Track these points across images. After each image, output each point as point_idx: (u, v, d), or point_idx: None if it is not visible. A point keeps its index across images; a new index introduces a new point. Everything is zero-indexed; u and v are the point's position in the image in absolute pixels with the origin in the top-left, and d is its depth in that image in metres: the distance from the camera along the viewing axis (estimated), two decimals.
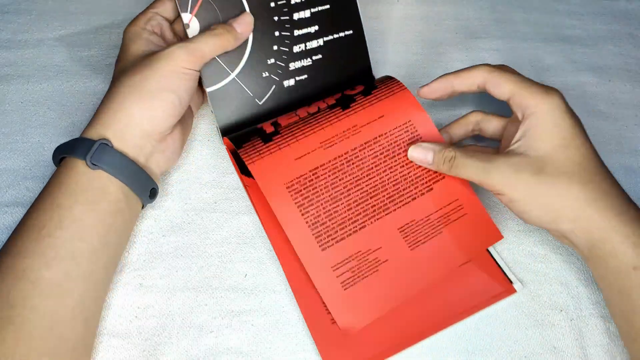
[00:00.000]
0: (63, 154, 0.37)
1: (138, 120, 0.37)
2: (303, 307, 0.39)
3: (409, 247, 0.40)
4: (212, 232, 0.42)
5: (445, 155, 0.40)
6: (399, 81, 0.46)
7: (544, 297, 0.40)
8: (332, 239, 0.39)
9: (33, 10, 0.55)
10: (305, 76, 0.47)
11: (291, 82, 0.46)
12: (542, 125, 0.38)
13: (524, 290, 0.40)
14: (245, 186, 0.44)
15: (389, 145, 0.43)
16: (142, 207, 0.40)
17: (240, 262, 0.41)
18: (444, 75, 0.43)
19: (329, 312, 0.38)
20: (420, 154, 0.42)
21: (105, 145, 0.36)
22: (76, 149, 0.36)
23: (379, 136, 0.43)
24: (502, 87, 0.40)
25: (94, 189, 0.36)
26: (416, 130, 0.44)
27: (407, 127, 0.44)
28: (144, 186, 0.38)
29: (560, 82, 0.53)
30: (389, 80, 0.47)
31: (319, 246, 0.39)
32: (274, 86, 0.46)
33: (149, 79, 0.37)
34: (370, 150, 0.43)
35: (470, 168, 0.39)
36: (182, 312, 0.38)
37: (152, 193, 0.39)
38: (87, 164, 0.36)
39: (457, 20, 0.57)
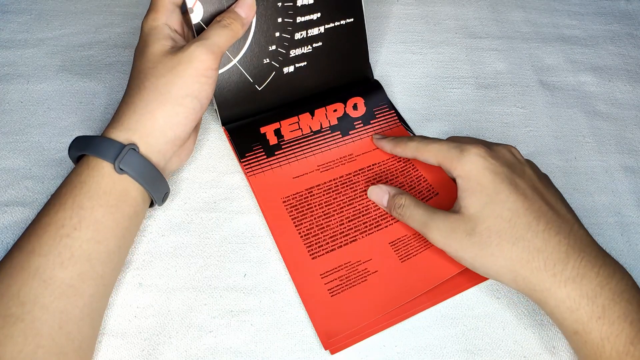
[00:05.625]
0: (83, 152, 0.37)
1: (163, 127, 0.37)
2: (304, 298, 0.39)
3: (400, 259, 0.40)
4: (212, 232, 0.42)
5: (396, 202, 0.41)
6: (394, 115, 0.48)
7: None
8: (322, 249, 0.41)
9: (33, 10, 0.55)
10: (305, 63, 0.47)
11: (291, 68, 0.46)
12: (467, 186, 0.37)
13: None
14: (246, 176, 0.44)
15: (382, 172, 0.45)
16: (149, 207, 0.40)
17: (240, 262, 0.41)
18: (386, 140, 0.45)
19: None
20: (377, 196, 0.43)
21: (132, 150, 0.36)
22: (103, 151, 0.36)
23: (373, 165, 0.45)
24: (429, 160, 0.41)
25: (116, 192, 0.36)
26: (408, 160, 0.45)
27: (399, 157, 0.46)
28: (161, 191, 0.39)
29: (560, 82, 0.53)
30: (386, 107, 0.49)
31: (310, 255, 0.40)
32: (273, 73, 0.46)
33: (172, 84, 0.37)
34: (364, 176, 0.45)
35: (414, 220, 0.39)
36: (181, 311, 0.38)
37: (165, 196, 0.40)
38: (114, 168, 0.35)
39: (457, 20, 0.57)
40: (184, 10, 0.42)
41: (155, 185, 0.38)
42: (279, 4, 0.44)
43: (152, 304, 0.38)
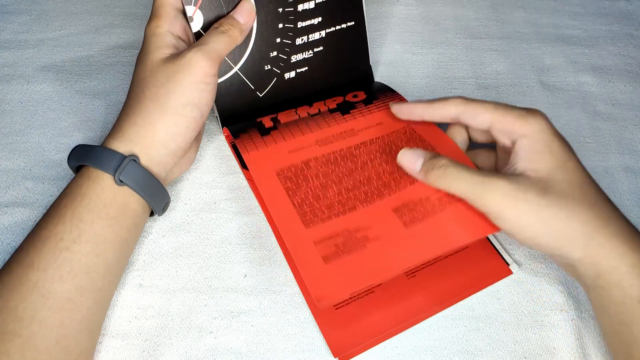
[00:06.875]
0: (83, 162, 0.36)
1: (163, 139, 0.37)
2: (298, 265, 0.37)
3: (404, 224, 0.38)
4: (212, 233, 0.42)
5: (435, 162, 0.37)
6: (399, 94, 0.47)
7: (543, 297, 0.40)
8: (317, 218, 0.39)
9: (33, 10, 0.55)
10: (306, 68, 0.47)
11: (292, 74, 0.46)
12: (534, 147, 0.35)
13: (524, 291, 0.40)
14: (248, 180, 0.44)
15: (385, 145, 0.43)
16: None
17: (240, 263, 0.41)
18: (418, 102, 0.42)
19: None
20: (410, 159, 0.39)
21: (133, 161, 0.36)
22: (103, 162, 0.35)
23: (376, 138, 0.43)
24: (480, 117, 0.38)
25: (116, 204, 0.35)
26: (414, 131, 0.44)
27: (405, 129, 0.44)
28: (162, 201, 0.39)
29: (560, 82, 0.53)
30: (389, 92, 0.47)
31: (302, 223, 0.38)
32: (275, 79, 0.46)
33: (172, 92, 0.37)
34: (366, 148, 0.43)
35: (464, 181, 0.35)
36: (181, 312, 0.38)
37: (165, 206, 0.40)
38: (115, 180, 0.35)
39: (457, 20, 0.57)
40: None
41: (156, 196, 0.37)
42: (280, 10, 0.43)
43: (153, 305, 0.38)
